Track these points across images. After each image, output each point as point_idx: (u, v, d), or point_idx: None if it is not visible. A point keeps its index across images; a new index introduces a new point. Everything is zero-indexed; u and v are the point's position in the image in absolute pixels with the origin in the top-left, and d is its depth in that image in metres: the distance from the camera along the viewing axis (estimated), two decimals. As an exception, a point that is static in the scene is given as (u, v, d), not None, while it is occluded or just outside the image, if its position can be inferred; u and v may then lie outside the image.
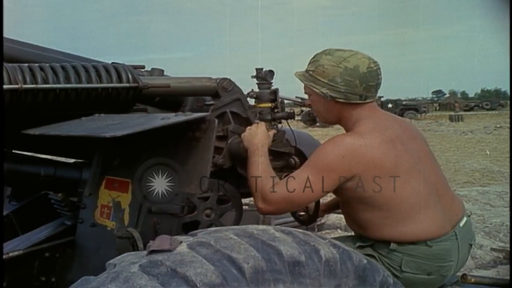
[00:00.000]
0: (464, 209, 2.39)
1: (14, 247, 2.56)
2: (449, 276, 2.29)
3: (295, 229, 1.85)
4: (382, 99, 38.99)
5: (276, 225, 3.30)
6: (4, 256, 2.41)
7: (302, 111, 29.54)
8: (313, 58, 2.26)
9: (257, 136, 2.22)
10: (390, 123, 2.25)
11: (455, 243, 2.24)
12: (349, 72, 2.16)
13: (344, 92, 2.17)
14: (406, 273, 2.18)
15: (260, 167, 2.18)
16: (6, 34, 2.21)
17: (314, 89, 2.21)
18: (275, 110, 2.37)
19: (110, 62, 2.39)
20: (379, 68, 2.23)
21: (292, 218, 2.92)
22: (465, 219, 2.32)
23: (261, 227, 1.79)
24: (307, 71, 2.26)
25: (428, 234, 2.18)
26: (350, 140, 2.13)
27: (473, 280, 2.45)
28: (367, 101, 2.20)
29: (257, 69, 2.38)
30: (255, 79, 2.43)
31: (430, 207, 2.20)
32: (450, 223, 2.25)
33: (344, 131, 2.29)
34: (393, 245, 2.17)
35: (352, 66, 2.16)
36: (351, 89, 2.16)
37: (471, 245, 2.37)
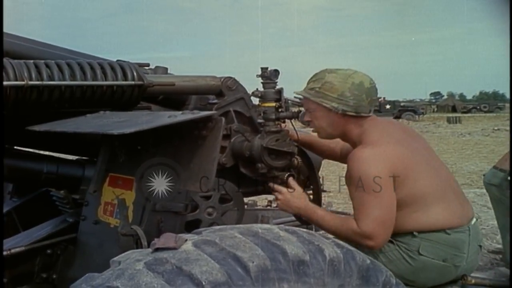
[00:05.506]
0: (473, 210, 2.50)
1: (15, 244, 2.55)
2: (460, 268, 2.37)
3: (299, 228, 1.86)
4: (380, 100, 39.02)
5: (276, 224, 3.30)
6: (5, 253, 2.41)
7: (300, 111, 29.52)
8: (313, 77, 2.38)
9: (297, 198, 2.35)
10: (391, 129, 2.40)
11: (468, 238, 2.35)
12: (356, 87, 2.31)
13: (353, 106, 2.31)
14: (423, 257, 2.29)
15: (329, 218, 2.29)
16: (7, 31, 2.22)
17: (324, 104, 2.33)
18: (280, 110, 2.38)
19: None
20: (376, 85, 2.39)
21: (292, 218, 2.93)
22: (474, 219, 2.44)
23: (265, 226, 1.80)
24: (311, 88, 2.37)
25: (448, 223, 2.31)
26: (371, 152, 2.23)
27: (473, 281, 2.47)
28: (371, 114, 2.36)
29: (262, 68, 2.38)
30: (251, 79, 2.45)
31: (449, 199, 2.35)
32: (465, 217, 2.38)
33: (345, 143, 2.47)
34: (414, 233, 2.30)
35: (358, 82, 2.32)
36: (359, 103, 2.31)
37: (480, 247, 2.47)
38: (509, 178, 3.24)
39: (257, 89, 2.41)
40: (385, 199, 2.17)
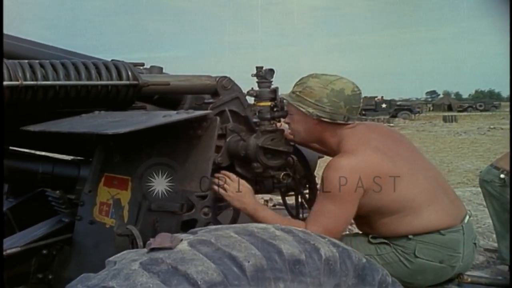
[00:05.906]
0: (465, 208, 2.49)
1: (11, 244, 2.54)
2: (456, 268, 2.37)
3: (295, 227, 1.85)
4: (376, 99, 39.13)
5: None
6: None
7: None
8: (299, 80, 2.36)
9: (245, 194, 2.26)
10: (370, 135, 2.35)
11: (462, 237, 2.35)
12: (335, 94, 2.28)
13: (329, 112, 2.28)
14: (419, 259, 2.30)
15: (278, 219, 2.22)
16: (3, 31, 2.21)
17: (301, 109, 2.31)
18: (275, 109, 2.38)
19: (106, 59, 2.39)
20: (361, 93, 2.35)
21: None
22: (468, 217, 2.44)
23: (261, 225, 1.80)
24: (293, 92, 2.35)
25: (441, 223, 2.31)
26: (346, 162, 2.20)
27: (469, 279, 2.47)
28: (349, 122, 2.31)
29: (257, 68, 2.38)
30: (248, 78, 2.44)
31: (440, 199, 2.34)
32: (458, 216, 2.38)
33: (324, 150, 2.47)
34: (409, 236, 2.30)
35: (338, 89, 2.29)
36: (336, 110, 2.28)
37: (475, 244, 2.47)
38: (502, 175, 3.28)
39: (252, 88, 2.41)
40: (343, 212, 2.18)
